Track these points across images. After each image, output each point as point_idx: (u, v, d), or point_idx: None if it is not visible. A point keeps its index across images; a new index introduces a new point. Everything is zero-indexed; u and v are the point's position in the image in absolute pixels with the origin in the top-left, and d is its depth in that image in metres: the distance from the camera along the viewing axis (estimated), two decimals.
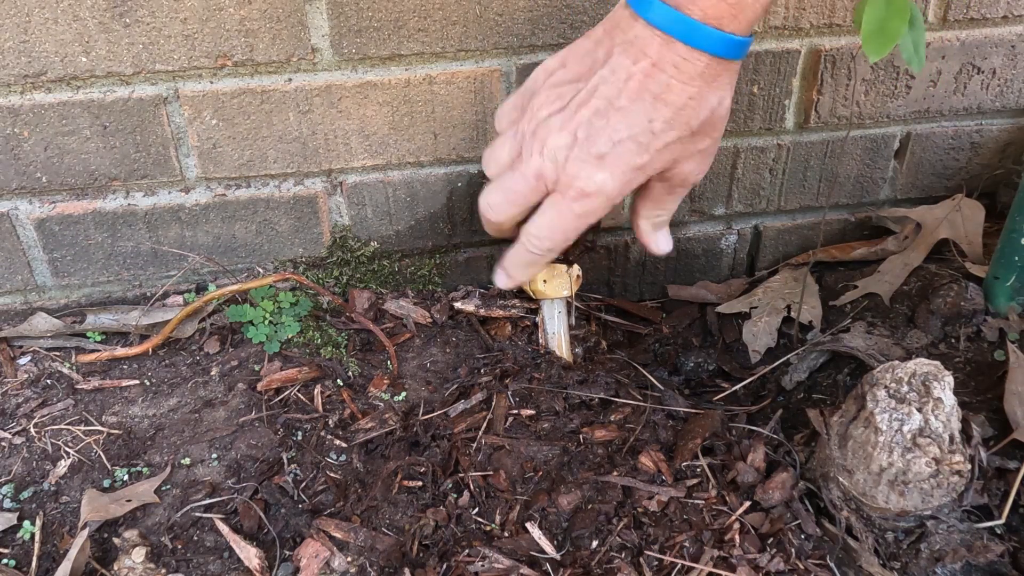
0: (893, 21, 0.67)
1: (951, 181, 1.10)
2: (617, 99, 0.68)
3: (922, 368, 0.73)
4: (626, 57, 0.68)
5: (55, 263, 0.94)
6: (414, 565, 0.73)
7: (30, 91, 0.84)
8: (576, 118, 0.70)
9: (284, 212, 0.96)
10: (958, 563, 0.72)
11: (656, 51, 0.66)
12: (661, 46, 0.66)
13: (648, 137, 0.69)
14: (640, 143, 0.69)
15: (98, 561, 0.74)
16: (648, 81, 0.67)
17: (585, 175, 0.70)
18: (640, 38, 0.67)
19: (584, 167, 0.70)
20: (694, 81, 0.67)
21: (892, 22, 0.67)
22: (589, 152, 0.69)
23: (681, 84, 0.67)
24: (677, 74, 0.67)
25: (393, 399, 0.88)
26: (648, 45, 0.67)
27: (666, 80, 0.67)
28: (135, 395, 0.89)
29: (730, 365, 1.05)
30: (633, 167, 0.70)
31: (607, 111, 0.69)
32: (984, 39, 0.99)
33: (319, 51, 0.86)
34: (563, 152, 0.70)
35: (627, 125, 0.69)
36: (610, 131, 0.69)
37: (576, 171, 0.70)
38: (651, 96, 0.68)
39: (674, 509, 0.76)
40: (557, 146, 0.70)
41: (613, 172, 0.70)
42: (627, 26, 0.68)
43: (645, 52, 0.67)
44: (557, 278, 0.93)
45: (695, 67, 0.66)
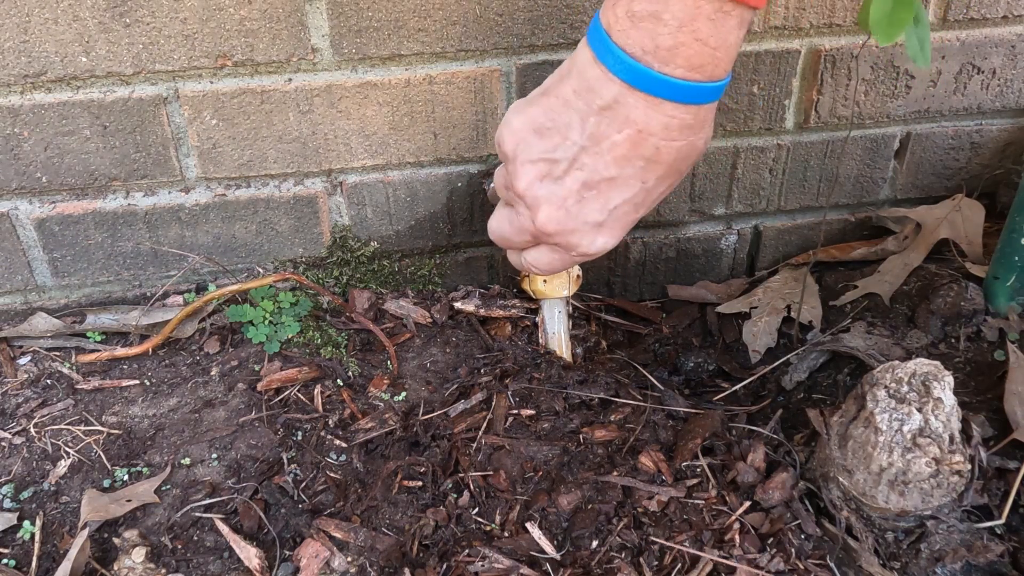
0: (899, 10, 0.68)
1: (951, 181, 1.10)
2: (605, 169, 0.66)
3: (922, 368, 0.73)
4: (607, 124, 0.64)
5: (55, 263, 0.94)
6: (414, 565, 0.73)
7: (30, 91, 0.84)
8: (563, 190, 0.67)
9: (284, 212, 0.96)
10: (958, 563, 0.72)
11: (642, 116, 0.63)
12: (647, 109, 0.62)
13: (643, 196, 0.68)
14: (636, 203, 0.68)
15: (98, 561, 0.74)
16: (635, 148, 0.64)
17: (586, 242, 0.70)
18: (621, 103, 0.63)
19: (584, 237, 0.69)
20: (682, 135, 0.64)
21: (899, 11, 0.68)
22: (585, 223, 0.69)
23: (670, 142, 0.64)
24: (666, 133, 0.64)
25: (393, 399, 0.88)
26: (632, 110, 0.63)
27: (655, 143, 0.64)
28: (135, 395, 0.89)
29: (730, 365, 1.05)
30: (630, 223, 0.71)
31: (596, 182, 0.67)
32: (984, 39, 0.99)
33: (319, 51, 0.86)
34: (556, 225, 0.69)
35: (620, 192, 0.67)
36: (603, 200, 0.67)
37: (576, 241, 0.70)
38: (642, 160, 0.65)
39: (674, 509, 0.76)
40: (549, 218, 0.69)
41: (612, 233, 0.70)
42: (600, 87, 0.63)
43: (629, 118, 0.63)
44: (557, 278, 0.93)
45: (683, 121, 0.63)
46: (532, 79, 0.92)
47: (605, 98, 0.63)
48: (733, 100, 0.98)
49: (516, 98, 0.93)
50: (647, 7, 0.59)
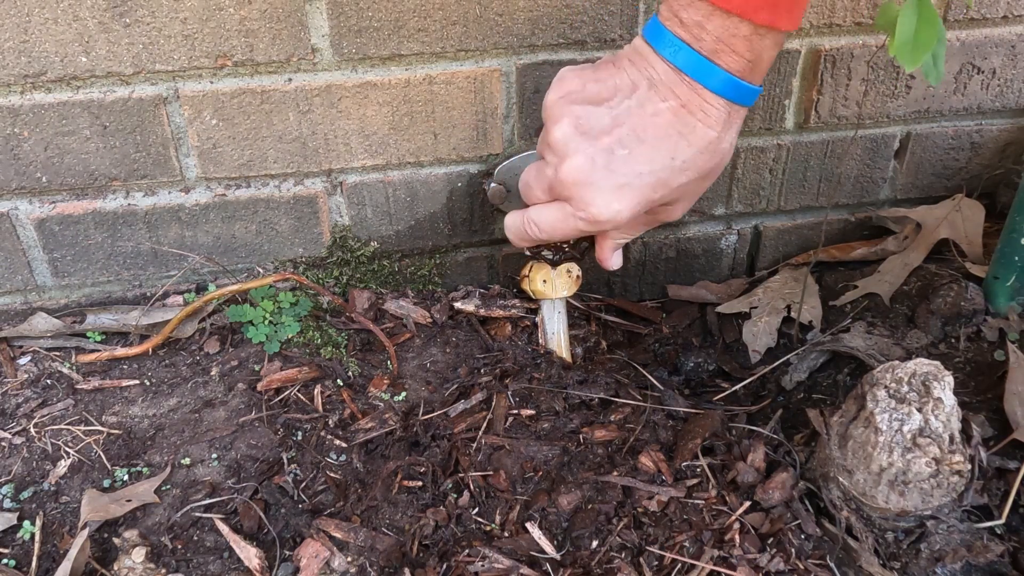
0: (924, 30, 0.68)
1: (951, 181, 1.10)
2: (643, 132, 0.69)
3: (922, 368, 0.73)
4: (654, 93, 0.69)
5: (55, 263, 0.94)
6: (414, 565, 0.73)
7: (30, 91, 0.84)
8: (598, 144, 0.70)
9: (284, 212, 0.96)
10: (958, 563, 0.72)
11: (685, 94, 0.68)
12: (689, 90, 0.68)
13: (668, 174, 0.71)
14: (660, 179, 0.71)
15: (98, 561, 0.74)
16: (676, 120, 0.69)
17: (602, 202, 0.71)
18: (669, 79, 0.69)
19: (600, 195, 0.71)
20: (716, 126, 0.69)
21: (923, 31, 0.68)
22: (608, 180, 0.70)
23: (705, 128, 0.69)
24: (704, 118, 0.69)
25: (393, 399, 0.88)
26: (676, 86, 0.68)
27: (693, 122, 0.69)
28: (135, 395, 0.89)
29: (730, 365, 1.05)
30: (648, 200, 0.72)
31: (631, 142, 0.70)
32: (984, 39, 0.99)
33: (319, 51, 0.86)
34: (580, 174, 0.71)
35: (650, 159, 0.70)
36: (633, 162, 0.70)
37: (592, 197, 0.71)
38: (677, 135, 0.69)
39: (674, 509, 0.76)
40: (574, 167, 0.71)
41: (629, 202, 0.71)
42: (654, 62, 0.69)
43: (674, 92, 0.68)
44: (557, 278, 0.93)
45: (719, 113, 0.69)
46: (532, 79, 0.92)
47: (657, 72, 0.69)
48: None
49: (517, 98, 0.93)
50: (693, 17, 0.66)
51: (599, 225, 0.73)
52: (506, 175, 0.95)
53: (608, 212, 0.71)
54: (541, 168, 0.76)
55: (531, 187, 0.78)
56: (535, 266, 0.94)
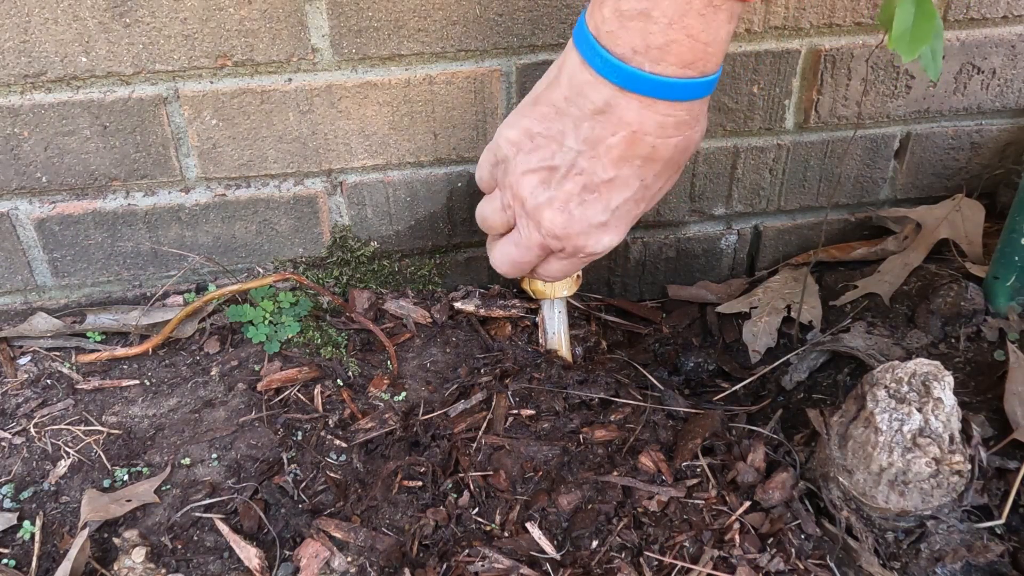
0: (922, 23, 0.68)
1: (951, 181, 1.10)
2: (603, 172, 0.67)
3: (922, 368, 0.73)
4: (601, 128, 0.64)
5: (55, 263, 0.94)
6: (414, 565, 0.73)
7: (30, 91, 0.84)
8: (564, 194, 0.69)
9: (284, 212, 0.96)
10: (958, 563, 0.72)
11: (635, 116, 0.63)
12: (640, 110, 0.62)
13: (643, 192, 0.70)
14: (637, 200, 0.70)
15: (98, 561, 0.74)
16: (631, 148, 0.65)
17: (592, 242, 0.72)
18: (614, 106, 0.63)
19: (589, 238, 0.72)
20: (678, 131, 0.65)
21: (921, 24, 0.68)
22: (589, 224, 0.71)
23: (666, 139, 0.65)
24: (661, 132, 0.64)
25: (393, 399, 0.88)
26: (624, 111, 0.63)
27: (651, 142, 0.65)
28: (135, 395, 0.89)
29: (730, 365, 1.05)
30: (633, 218, 0.73)
31: (596, 185, 0.68)
32: (984, 39, 0.99)
33: (319, 51, 0.86)
34: (562, 229, 0.71)
35: (620, 192, 0.69)
36: (604, 201, 0.69)
37: (583, 242, 0.72)
38: (639, 159, 0.66)
39: (674, 509, 0.76)
40: (554, 223, 0.71)
41: (617, 230, 0.72)
42: (592, 91, 0.63)
43: (623, 119, 0.63)
44: None
45: (678, 118, 0.64)
46: (532, 79, 0.92)
47: (597, 102, 0.63)
48: (733, 100, 0.98)
49: (516, 98, 0.93)
50: (636, 5, 0.58)
51: (601, 255, 0.75)
52: None
53: (601, 246, 0.73)
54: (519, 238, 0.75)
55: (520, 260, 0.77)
56: None
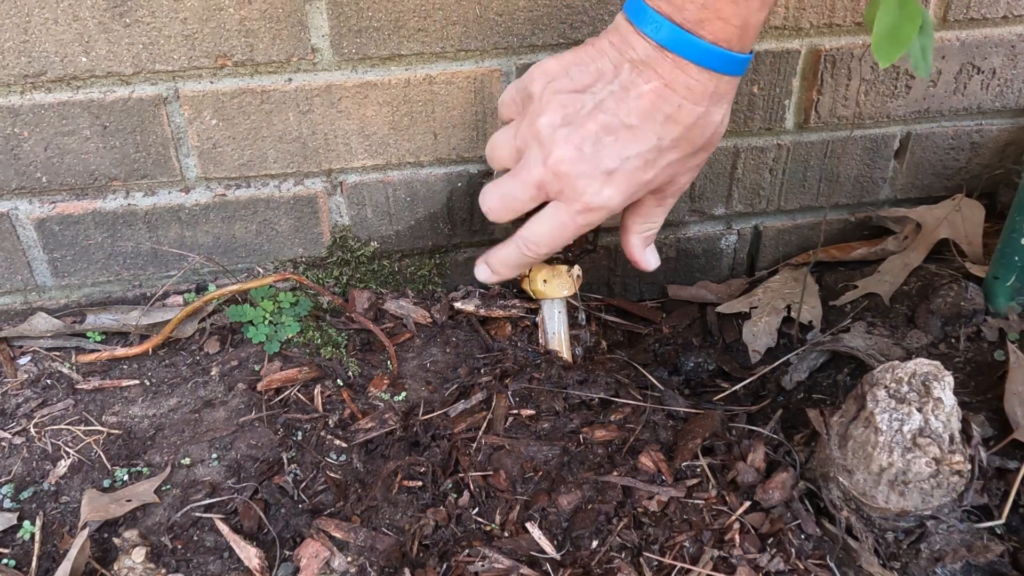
0: (904, 26, 0.67)
1: (951, 181, 1.10)
2: (627, 116, 0.68)
3: (922, 368, 0.73)
4: (637, 75, 0.68)
5: (55, 263, 0.94)
6: (414, 565, 0.73)
7: (30, 91, 0.84)
8: (582, 132, 0.70)
9: (284, 212, 0.96)
10: (958, 563, 0.72)
11: (668, 72, 0.67)
12: (672, 67, 0.66)
13: (656, 154, 0.70)
14: (648, 160, 0.70)
15: (98, 561, 0.74)
16: (660, 101, 0.68)
17: (592, 190, 0.71)
18: (651, 57, 0.67)
19: (591, 182, 0.70)
20: (703, 101, 0.68)
21: (903, 27, 0.67)
22: (597, 167, 0.70)
23: (692, 104, 0.68)
24: (689, 94, 0.67)
25: (393, 399, 0.88)
26: (659, 65, 0.67)
27: (678, 100, 0.68)
28: (135, 395, 0.89)
29: (730, 365, 1.05)
30: (638, 182, 0.72)
31: (616, 127, 0.69)
32: (984, 39, 0.99)
33: (319, 51, 0.87)
34: (569, 166, 0.70)
35: (636, 142, 0.69)
36: (619, 147, 0.69)
37: (584, 186, 0.71)
38: (663, 115, 0.68)
39: (674, 509, 0.76)
40: (562, 158, 0.70)
41: (619, 187, 0.71)
42: (635, 42, 0.68)
43: (657, 72, 0.67)
44: (557, 278, 0.93)
45: (705, 87, 0.67)
46: None
47: (638, 52, 0.67)
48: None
49: None
50: None
51: (593, 213, 0.72)
52: None
53: (600, 199, 0.71)
54: (528, 166, 0.73)
55: (515, 194, 0.75)
56: (535, 266, 0.94)
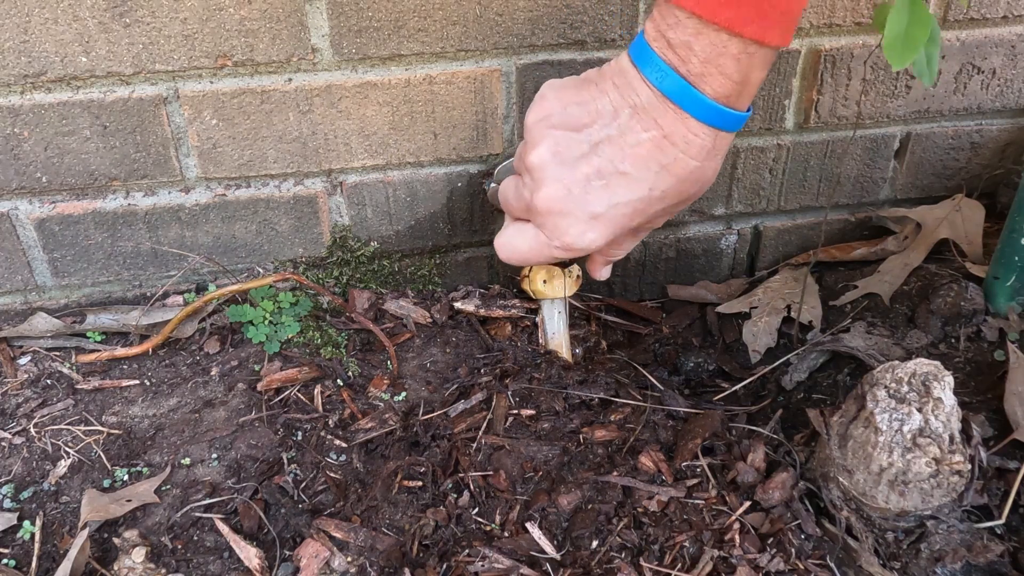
0: (915, 30, 0.67)
1: (951, 181, 1.10)
2: (622, 163, 0.67)
3: (922, 368, 0.73)
4: (636, 121, 0.67)
5: (55, 263, 0.94)
6: (414, 565, 0.73)
7: (30, 91, 0.84)
8: (575, 173, 0.69)
9: (284, 212, 0.96)
10: (958, 563, 0.72)
11: (669, 123, 0.66)
12: (674, 119, 0.65)
13: (645, 204, 0.69)
14: (636, 208, 0.69)
15: (98, 561, 0.74)
16: (656, 151, 0.67)
17: (575, 232, 0.70)
18: (653, 106, 0.66)
19: (575, 224, 0.70)
20: (699, 156, 0.67)
21: (915, 30, 0.67)
22: (583, 210, 0.69)
23: (687, 158, 0.67)
24: (687, 148, 0.66)
25: (393, 399, 0.88)
26: (660, 115, 0.66)
27: (675, 153, 0.67)
28: (135, 395, 0.89)
29: (730, 365, 1.05)
30: (623, 227, 0.71)
31: (609, 173, 0.68)
32: (984, 39, 0.99)
33: (319, 51, 0.86)
34: (555, 203, 0.70)
35: (627, 190, 0.68)
36: (609, 193, 0.68)
37: (566, 227, 0.70)
38: (658, 166, 0.67)
39: (674, 509, 0.76)
40: (549, 196, 0.70)
41: (603, 231, 0.70)
42: (638, 87, 0.66)
43: (657, 122, 0.66)
44: (557, 278, 0.93)
45: (703, 143, 0.66)
46: (532, 79, 0.92)
47: (641, 98, 0.66)
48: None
49: (516, 98, 0.93)
50: (681, 37, 0.63)
51: (573, 252, 0.72)
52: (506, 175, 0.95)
53: (582, 242, 0.70)
54: (519, 187, 0.75)
55: (509, 202, 0.77)
56: (535, 266, 0.94)
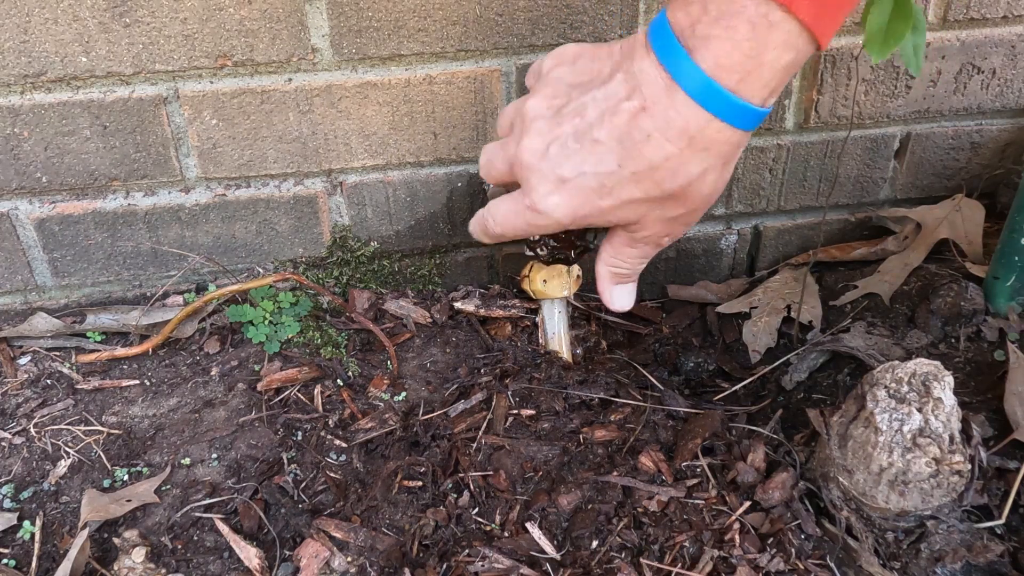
0: (897, 23, 0.67)
1: (951, 181, 1.10)
2: (599, 129, 0.62)
3: (922, 368, 0.73)
4: (623, 86, 0.61)
5: (55, 263, 0.94)
6: (414, 565, 0.73)
7: (30, 91, 0.84)
8: (556, 131, 0.65)
9: (284, 212, 0.96)
10: (958, 563, 0.72)
11: (653, 94, 0.59)
12: (660, 91, 0.59)
13: (613, 181, 0.63)
14: (603, 184, 0.63)
15: (98, 561, 0.74)
16: (631, 125, 0.60)
17: (542, 191, 0.65)
18: (644, 72, 0.60)
19: (543, 184, 0.65)
20: (677, 141, 0.59)
21: (896, 24, 0.67)
22: (553, 171, 0.65)
23: (663, 140, 0.60)
24: (664, 128, 0.59)
25: (393, 399, 0.88)
26: (648, 84, 0.60)
27: (650, 130, 0.60)
28: (135, 395, 0.89)
29: (730, 365, 1.05)
30: (592, 205, 0.65)
31: (583, 138, 0.63)
32: (984, 39, 0.99)
33: (319, 51, 0.86)
34: (531, 157, 0.66)
35: (596, 161, 0.63)
36: (579, 159, 0.64)
37: (536, 184, 0.66)
38: (631, 141, 0.61)
39: (674, 509, 0.76)
40: (528, 147, 0.66)
41: (568, 199, 0.65)
42: (640, 55, 0.60)
43: (641, 91, 0.60)
44: (557, 278, 0.93)
45: (685, 125, 0.59)
46: None
47: (635, 63, 0.60)
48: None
49: (516, 98, 0.93)
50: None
51: (539, 216, 0.66)
52: None
53: (546, 204, 0.65)
54: (506, 143, 0.70)
55: (494, 163, 0.71)
56: (535, 266, 0.94)
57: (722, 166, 0.62)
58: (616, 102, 0.61)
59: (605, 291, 0.75)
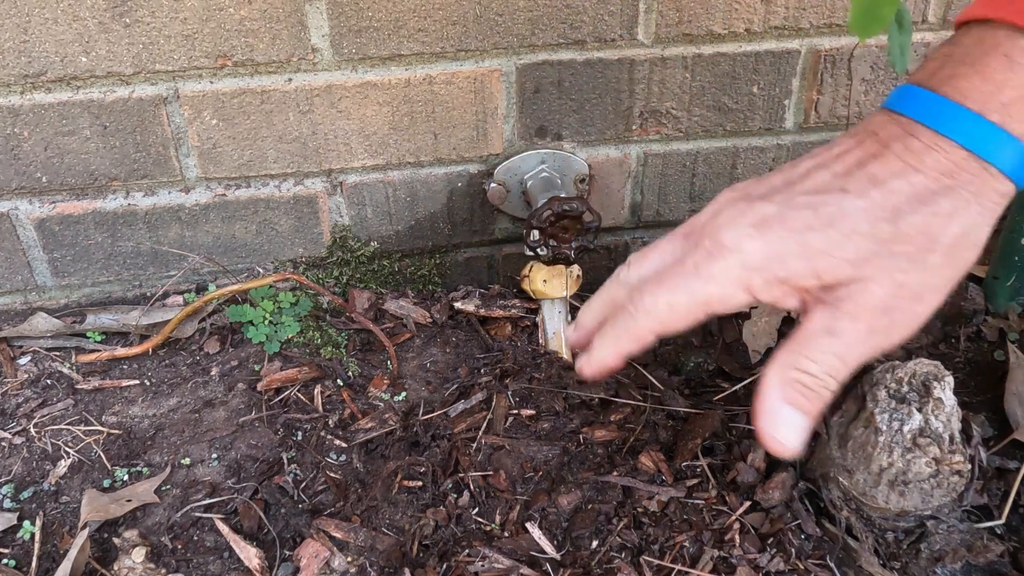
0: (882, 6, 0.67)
1: None
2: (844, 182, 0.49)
3: (922, 368, 0.73)
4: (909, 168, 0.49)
5: (55, 263, 0.94)
6: (414, 565, 0.73)
7: (30, 91, 0.84)
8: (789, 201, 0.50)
9: (284, 212, 0.96)
10: (958, 563, 0.72)
11: (884, 130, 0.50)
12: (977, 171, 0.49)
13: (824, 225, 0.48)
14: (808, 226, 0.48)
15: (98, 561, 0.74)
16: (935, 189, 0.49)
17: (736, 227, 0.50)
18: (885, 125, 0.50)
19: (741, 216, 0.51)
20: (924, 196, 0.49)
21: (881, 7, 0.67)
22: (758, 209, 0.50)
23: (981, 209, 0.51)
24: (910, 182, 0.48)
25: (393, 399, 0.88)
26: (885, 129, 0.50)
27: (967, 197, 0.50)
28: (135, 395, 0.89)
29: (730, 365, 1.05)
30: (789, 251, 0.49)
31: (824, 191, 0.49)
32: None
33: (319, 51, 0.86)
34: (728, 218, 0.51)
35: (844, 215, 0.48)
36: (811, 213, 0.49)
37: (725, 219, 0.51)
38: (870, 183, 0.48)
39: (674, 509, 0.76)
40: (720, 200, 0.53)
41: (765, 235, 0.50)
42: (934, 144, 0.49)
43: (952, 175, 0.49)
44: (557, 278, 0.93)
45: (936, 171, 0.49)
46: (532, 79, 0.92)
47: (936, 158, 0.49)
48: (733, 100, 0.98)
49: (516, 98, 0.93)
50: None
51: (722, 257, 0.50)
52: (506, 175, 0.96)
53: (729, 237, 0.50)
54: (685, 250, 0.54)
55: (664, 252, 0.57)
56: (535, 266, 0.94)
57: (972, 238, 0.53)
58: (879, 177, 0.49)
59: (762, 412, 0.51)
